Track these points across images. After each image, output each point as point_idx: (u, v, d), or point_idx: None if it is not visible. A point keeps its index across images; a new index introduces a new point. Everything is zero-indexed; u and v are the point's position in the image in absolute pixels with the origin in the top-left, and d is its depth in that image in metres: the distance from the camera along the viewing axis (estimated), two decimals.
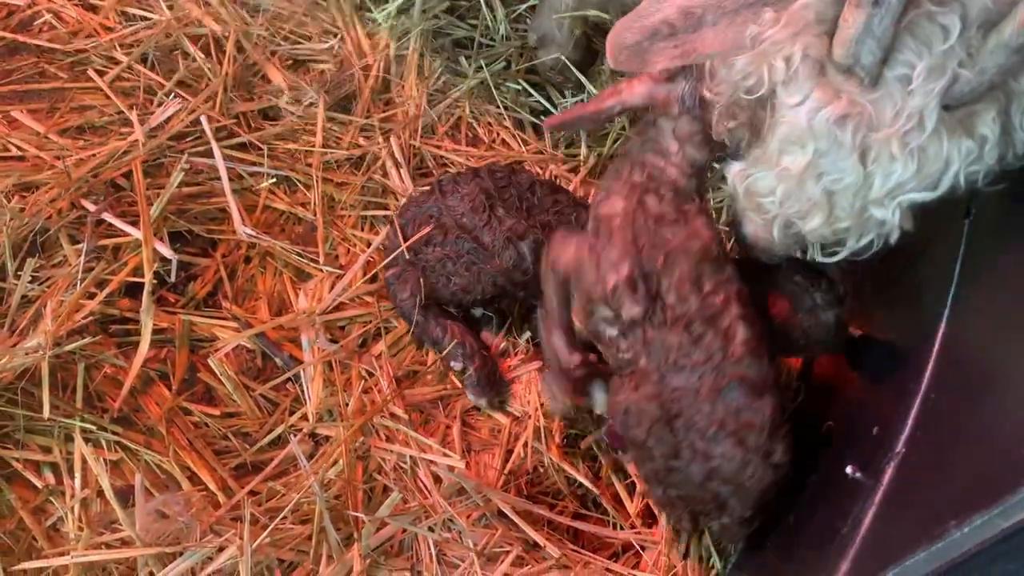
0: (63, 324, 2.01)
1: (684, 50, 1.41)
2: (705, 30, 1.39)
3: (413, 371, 2.25)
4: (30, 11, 2.66)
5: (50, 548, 1.85)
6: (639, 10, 1.42)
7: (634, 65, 1.45)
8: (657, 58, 1.43)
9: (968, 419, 1.31)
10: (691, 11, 1.38)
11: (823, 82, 1.32)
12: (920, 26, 1.24)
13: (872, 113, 1.30)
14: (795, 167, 1.41)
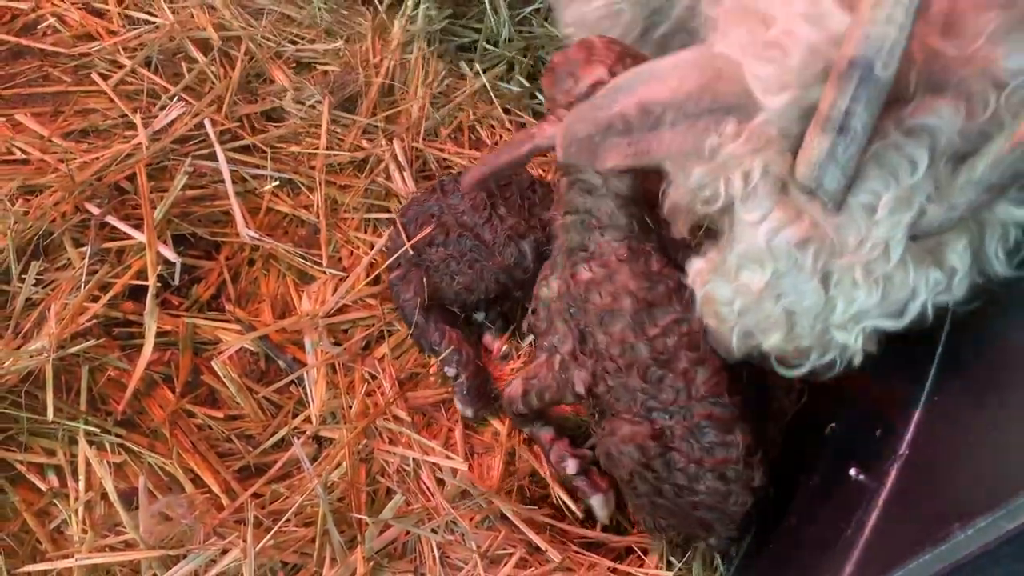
0: (67, 327, 2.02)
1: (638, 149, 1.33)
2: (663, 131, 1.30)
3: (416, 374, 2.26)
4: (34, 15, 2.67)
5: (54, 551, 1.85)
6: (595, 101, 1.35)
7: (584, 159, 1.37)
8: (609, 154, 1.35)
9: (971, 421, 1.31)
10: (650, 109, 1.29)
11: (784, 201, 1.25)
12: (887, 157, 1.17)
13: (835, 238, 1.23)
14: (754, 285, 1.35)
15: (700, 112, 1.27)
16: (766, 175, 1.24)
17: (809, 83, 1.16)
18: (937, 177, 1.17)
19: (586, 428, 2.20)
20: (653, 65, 1.33)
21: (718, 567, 2.01)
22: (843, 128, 1.11)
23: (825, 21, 1.14)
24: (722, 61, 1.26)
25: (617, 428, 1.85)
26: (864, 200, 1.19)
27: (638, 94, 1.30)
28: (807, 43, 1.15)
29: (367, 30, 2.79)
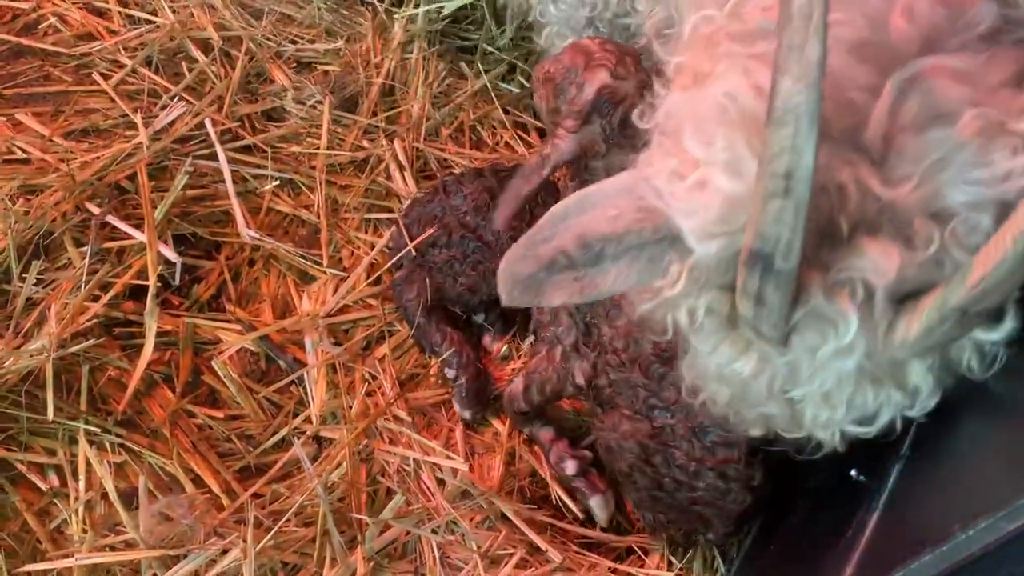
0: (67, 326, 2.02)
1: (584, 285, 1.28)
2: (606, 265, 1.26)
3: (416, 374, 2.26)
4: (35, 14, 2.67)
5: (54, 550, 1.85)
6: (531, 236, 1.28)
7: (529, 300, 1.31)
8: (555, 292, 1.29)
9: (973, 422, 1.31)
10: (590, 243, 1.24)
11: (733, 336, 1.23)
12: (814, 318, 1.13)
13: (786, 372, 1.22)
14: (719, 398, 1.36)
15: (641, 245, 1.23)
16: (711, 312, 1.23)
17: (735, 231, 1.12)
18: (877, 325, 1.11)
19: (586, 428, 2.20)
20: (589, 193, 1.27)
21: (718, 568, 2.00)
22: (759, 300, 1.10)
23: (743, 171, 1.09)
24: (655, 195, 1.21)
25: (618, 424, 1.85)
26: (808, 344, 1.16)
27: (576, 226, 1.25)
28: (726, 195, 1.10)
29: (367, 30, 2.79)
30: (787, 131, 0.94)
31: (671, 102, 1.26)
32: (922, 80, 1.07)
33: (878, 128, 1.08)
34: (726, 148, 1.10)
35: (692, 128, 1.15)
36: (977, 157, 1.04)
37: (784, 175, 0.97)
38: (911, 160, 1.06)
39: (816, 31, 0.89)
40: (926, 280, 1.08)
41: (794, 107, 0.93)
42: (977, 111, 1.05)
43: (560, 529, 2.06)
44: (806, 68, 0.91)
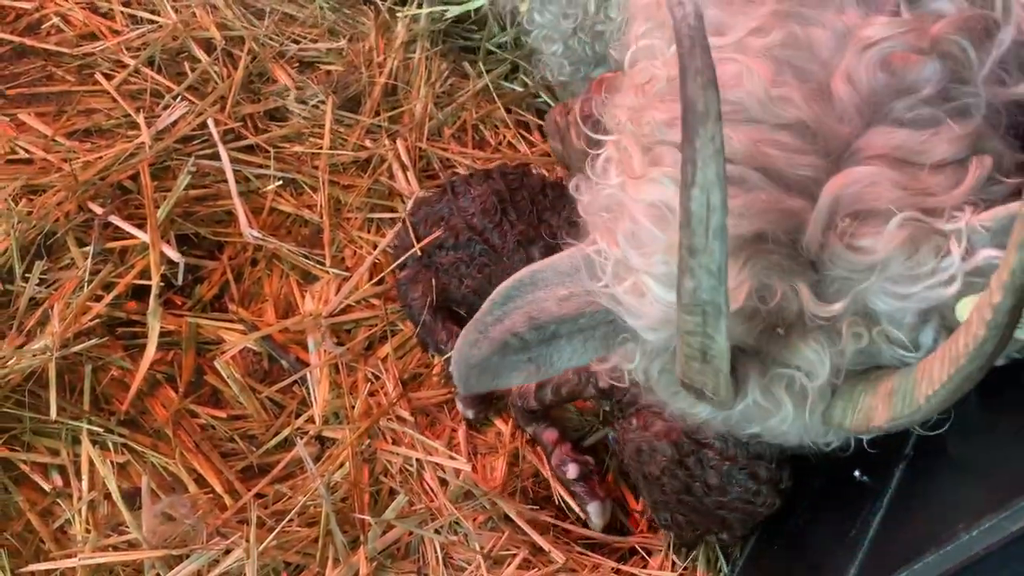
0: (70, 326, 2.02)
1: (539, 365, 1.29)
2: (560, 343, 1.28)
3: (419, 374, 2.25)
4: (38, 14, 2.67)
5: (57, 550, 1.85)
6: (479, 320, 1.29)
7: (486, 384, 1.31)
8: (512, 374, 1.30)
9: (977, 422, 1.31)
10: (541, 324, 1.26)
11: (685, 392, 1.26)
12: (754, 406, 1.18)
13: (740, 417, 1.25)
14: (692, 419, 1.39)
15: (595, 325, 1.26)
16: (663, 372, 1.27)
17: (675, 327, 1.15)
18: (813, 410, 1.17)
19: (589, 429, 2.20)
20: (536, 270, 1.28)
21: (722, 568, 2.00)
22: (699, 399, 1.16)
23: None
24: (601, 285, 1.23)
25: (651, 423, 1.84)
26: (751, 412, 1.21)
27: (527, 307, 1.26)
28: (665, 306, 1.13)
29: (370, 29, 2.79)
30: (696, 319, 0.98)
31: (610, 189, 1.26)
32: (854, 177, 1.08)
33: (815, 238, 1.10)
34: (664, 263, 1.12)
35: (627, 232, 1.18)
36: (904, 269, 1.07)
37: (699, 351, 1.02)
38: (842, 268, 1.09)
39: (716, 236, 0.90)
40: (862, 365, 1.15)
41: (701, 303, 0.96)
42: (906, 216, 1.06)
43: (563, 530, 2.06)
44: (708, 272, 0.93)
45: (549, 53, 2.34)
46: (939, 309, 1.09)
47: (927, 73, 1.15)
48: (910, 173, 1.10)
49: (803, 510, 1.77)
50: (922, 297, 1.07)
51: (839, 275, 1.10)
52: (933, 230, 1.07)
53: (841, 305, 1.09)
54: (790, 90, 1.13)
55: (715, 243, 0.90)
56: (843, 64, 1.15)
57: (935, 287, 1.06)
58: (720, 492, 1.78)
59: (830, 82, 1.15)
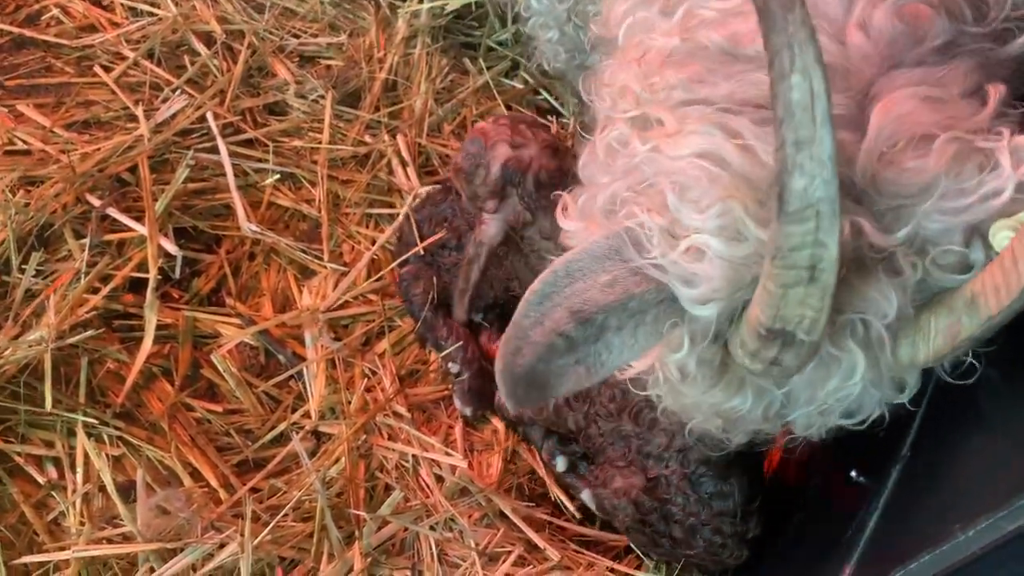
0: (66, 318, 2.01)
1: (588, 367, 1.16)
2: (609, 337, 1.15)
3: (416, 370, 2.25)
4: (37, 5, 2.66)
5: (51, 543, 1.85)
6: (517, 324, 1.16)
7: (538, 396, 1.18)
8: (561, 381, 1.17)
9: (973, 422, 1.31)
10: (588, 317, 1.12)
11: (726, 379, 1.21)
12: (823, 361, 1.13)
13: (784, 399, 1.21)
14: (709, 426, 1.35)
15: (645, 309, 1.14)
16: (702, 363, 1.19)
17: (735, 293, 1.09)
18: (880, 355, 1.12)
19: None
20: (571, 260, 1.16)
21: None
22: (775, 363, 1.08)
23: (743, 235, 1.06)
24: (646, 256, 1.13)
25: (609, 479, 1.88)
26: (809, 379, 1.16)
27: (567, 301, 1.13)
28: (727, 263, 1.07)
29: (371, 24, 2.78)
30: (807, 227, 0.91)
31: (635, 155, 1.19)
32: (896, 106, 1.08)
33: (867, 167, 1.08)
34: (721, 214, 1.06)
35: (675, 191, 1.10)
36: (954, 184, 1.05)
37: (808, 267, 0.94)
38: (893, 194, 1.07)
39: (823, 123, 0.85)
40: (915, 301, 1.10)
41: (814, 203, 0.89)
42: (949, 136, 1.06)
43: (558, 527, 2.06)
44: (820, 164, 0.87)
45: (545, 40, 2.33)
46: (984, 226, 1.07)
47: (937, 26, 1.16)
48: (940, 101, 1.10)
49: (800, 510, 1.77)
50: (973, 211, 1.05)
51: (891, 204, 1.08)
52: (976, 147, 1.06)
53: (905, 232, 1.06)
54: None
55: (824, 131, 0.85)
56: (856, 13, 1.15)
57: (985, 199, 1.05)
58: (686, 545, 1.81)
59: (846, 31, 1.15)
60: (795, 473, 1.95)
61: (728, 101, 1.12)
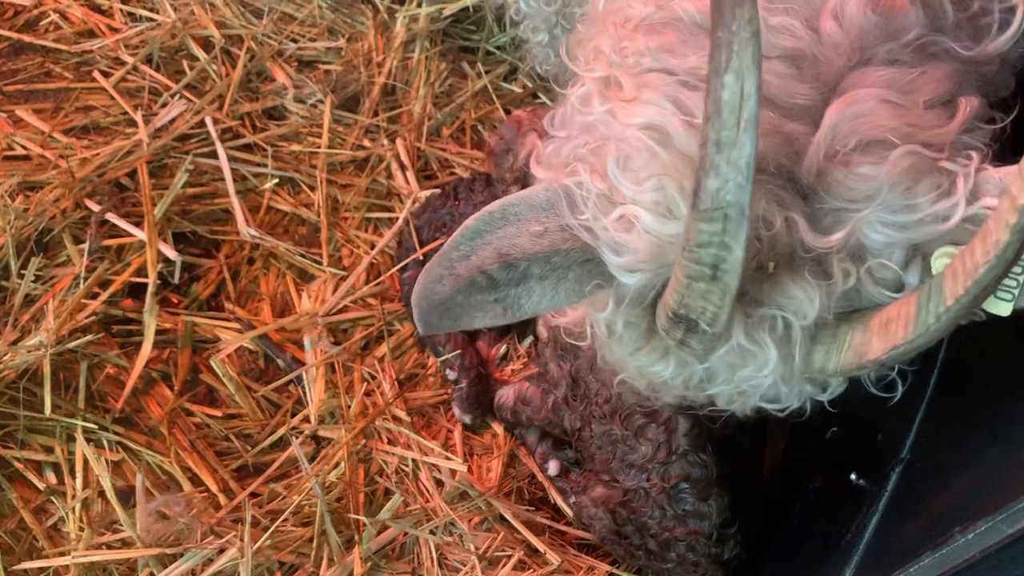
0: (65, 323, 2.01)
1: (507, 306, 1.19)
2: (531, 285, 1.18)
3: (415, 374, 2.25)
4: (36, 11, 2.66)
5: (51, 548, 1.85)
6: (445, 254, 1.18)
7: (449, 325, 1.21)
8: (477, 315, 1.19)
9: (972, 425, 1.31)
10: (513, 262, 1.15)
11: (652, 343, 1.21)
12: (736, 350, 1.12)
13: (704, 374, 1.21)
14: (637, 386, 1.35)
15: (568, 265, 1.16)
16: (629, 325, 1.20)
17: (660, 268, 1.10)
18: (794, 355, 1.12)
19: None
20: (511, 203, 1.17)
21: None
22: (682, 344, 1.09)
23: (673, 214, 1.06)
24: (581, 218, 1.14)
25: (591, 486, 1.89)
26: (727, 361, 1.16)
27: (498, 242, 1.15)
28: (655, 239, 1.07)
29: (369, 29, 2.79)
30: (715, 227, 0.90)
31: (591, 115, 1.19)
32: (856, 105, 1.06)
33: (814, 164, 1.06)
34: (656, 189, 1.06)
35: (618, 158, 1.10)
36: (903, 199, 1.04)
37: (711, 266, 0.94)
38: (838, 196, 1.06)
39: (747, 128, 0.83)
40: (842, 308, 1.10)
41: (724, 206, 0.88)
42: (909, 148, 1.04)
43: (558, 531, 2.05)
44: (736, 168, 0.85)
45: (535, 43, 2.33)
46: (927, 249, 1.06)
47: (911, 19, 1.13)
48: (904, 108, 1.07)
49: (799, 512, 1.77)
50: (917, 230, 1.04)
51: (835, 206, 1.06)
52: (935, 164, 1.04)
53: (839, 236, 1.05)
54: (786, 19, 1.11)
55: (746, 136, 0.83)
56: (832, 2, 1.13)
57: (933, 221, 1.03)
58: (660, 559, 1.82)
59: (818, 19, 1.13)
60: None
61: (690, 75, 1.11)
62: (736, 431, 1.81)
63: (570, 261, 1.17)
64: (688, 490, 1.74)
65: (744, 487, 1.81)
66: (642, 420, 1.76)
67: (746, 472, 1.85)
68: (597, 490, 1.88)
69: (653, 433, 1.75)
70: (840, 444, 1.79)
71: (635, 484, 1.80)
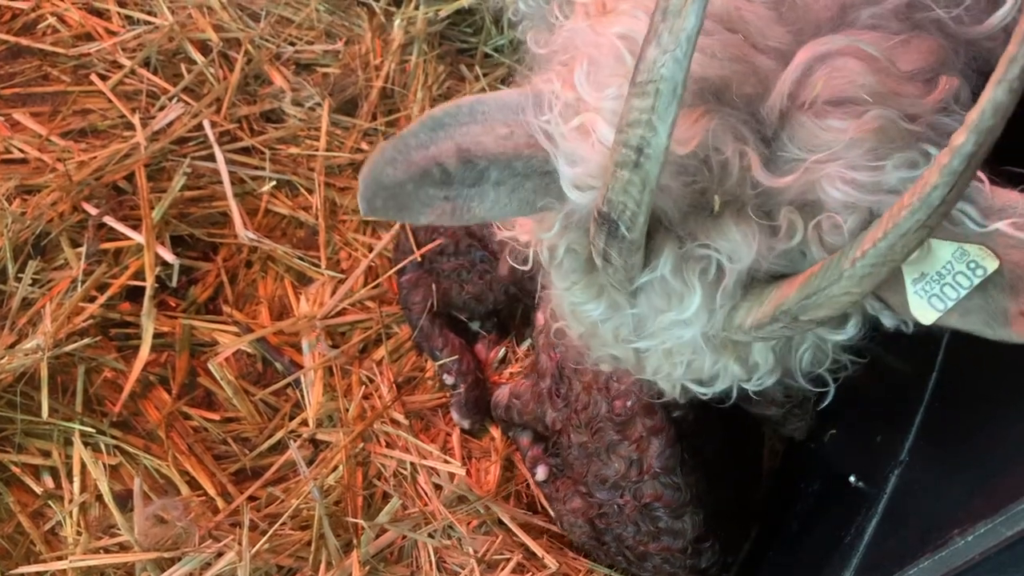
0: (63, 326, 2.01)
1: (456, 207, 1.15)
2: (486, 188, 1.14)
3: (413, 377, 2.25)
4: (34, 14, 2.66)
5: (48, 552, 1.84)
6: (403, 139, 1.12)
7: (392, 213, 1.16)
8: (424, 209, 1.15)
9: (972, 427, 1.31)
10: (472, 160, 1.11)
11: (588, 279, 1.19)
12: (662, 284, 1.09)
13: (633, 323, 1.18)
14: (572, 332, 1.33)
15: (528, 174, 1.12)
16: (570, 252, 1.18)
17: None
18: (720, 306, 1.09)
19: None
20: (482, 100, 1.14)
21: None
22: (606, 257, 1.06)
23: None
24: (544, 126, 1.11)
25: (569, 496, 1.89)
26: (653, 304, 1.14)
27: (460, 137, 1.12)
28: (604, 153, 1.02)
29: (366, 31, 2.78)
30: (645, 103, 0.87)
31: (572, 28, 1.16)
32: (833, 59, 1.01)
33: (777, 102, 1.02)
34: (616, 97, 1.02)
35: (586, 66, 1.07)
36: (869, 160, 0.99)
37: (635, 148, 0.90)
38: (801, 145, 1.01)
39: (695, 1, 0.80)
40: (780, 269, 1.06)
41: (657, 79, 0.85)
42: (883, 112, 0.99)
43: (556, 534, 2.05)
44: (676, 39, 0.82)
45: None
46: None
47: None
48: (883, 68, 1.03)
49: (798, 515, 1.77)
50: (878, 196, 0.99)
51: (796, 155, 1.02)
52: (911, 135, 1.00)
53: (793, 178, 1.00)
54: None
55: (693, 7, 0.80)
56: None
57: (894, 192, 0.98)
58: (639, 568, 1.84)
59: None
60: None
61: None
62: (720, 442, 1.82)
63: (530, 170, 1.13)
64: (661, 509, 1.74)
65: (726, 500, 1.80)
66: (615, 437, 1.76)
67: (726, 485, 1.84)
68: (575, 501, 1.89)
69: (625, 451, 1.75)
70: (838, 447, 1.79)
71: (609, 499, 1.80)
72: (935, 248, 0.97)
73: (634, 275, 1.08)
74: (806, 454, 1.86)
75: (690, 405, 1.67)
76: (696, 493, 1.73)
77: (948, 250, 0.97)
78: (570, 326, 1.33)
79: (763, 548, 1.86)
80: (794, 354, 1.20)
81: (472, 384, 2.17)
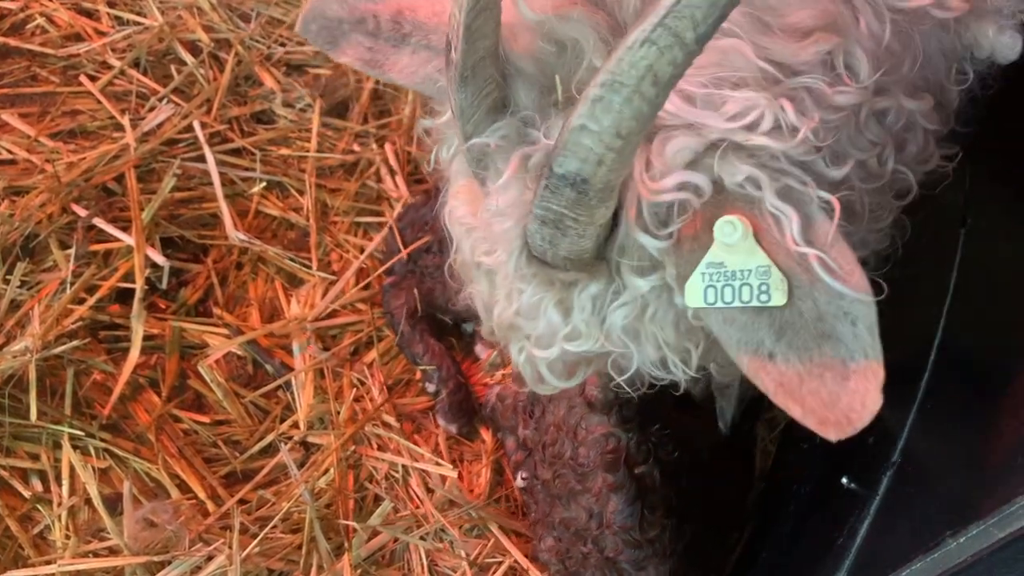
0: (51, 328, 2.00)
1: (374, 59, 1.23)
2: (403, 52, 1.21)
3: (404, 380, 2.24)
4: (22, 14, 2.65)
5: (37, 556, 1.83)
6: None
7: (320, 43, 1.26)
8: (347, 49, 1.24)
9: (964, 428, 1.31)
10: (401, 22, 1.20)
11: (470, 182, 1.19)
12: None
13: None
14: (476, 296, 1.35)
15: (440, 52, 1.12)
16: (457, 156, 1.18)
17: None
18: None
19: None
20: None
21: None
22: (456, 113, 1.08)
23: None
24: None
25: (542, 535, 1.87)
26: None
27: (404, 1, 1.21)
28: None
29: None
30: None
31: None
32: None
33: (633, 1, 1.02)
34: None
35: None
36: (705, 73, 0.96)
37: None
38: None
39: None
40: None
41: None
42: (738, 42, 0.96)
43: None
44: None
45: None
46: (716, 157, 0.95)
47: None
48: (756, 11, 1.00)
49: (790, 518, 1.77)
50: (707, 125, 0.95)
51: None
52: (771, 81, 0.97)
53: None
54: None
55: None
56: None
57: (727, 121, 0.94)
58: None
59: None
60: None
61: None
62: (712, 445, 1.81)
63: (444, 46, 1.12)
64: (624, 562, 1.72)
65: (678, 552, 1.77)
66: (576, 486, 1.74)
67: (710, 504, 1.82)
68: (547, 541, 1.86)
69: (586, 502, 1.73)
70: (830, 448, 1.79)
71: (574, 546, 1.78)
72: (750, 251, 0.94)
73: (468, 129, 1.07)
74: (798, 455, 1.86)
75: (655, 460, 1.70)
76: (659, 548, 1.71)
77: (757, 260, 0.94)
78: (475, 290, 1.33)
79: (755, 549, 1.86)
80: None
81: (454, 389, 2.16)
